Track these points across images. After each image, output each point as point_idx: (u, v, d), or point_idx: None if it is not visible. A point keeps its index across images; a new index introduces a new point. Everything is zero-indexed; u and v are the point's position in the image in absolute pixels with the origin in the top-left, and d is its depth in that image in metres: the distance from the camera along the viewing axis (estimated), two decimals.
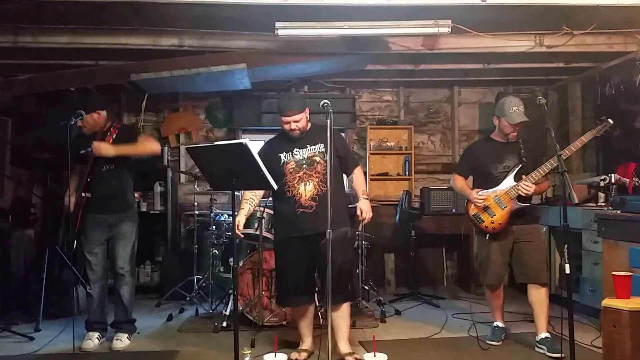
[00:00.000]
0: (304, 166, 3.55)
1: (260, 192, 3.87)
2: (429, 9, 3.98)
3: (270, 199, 3.83)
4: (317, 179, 3.53)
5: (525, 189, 3.71)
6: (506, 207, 3.81)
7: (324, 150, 3.53)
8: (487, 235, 3.90)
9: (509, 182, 3.82)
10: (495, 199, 3.84)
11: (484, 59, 5.45)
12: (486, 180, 3.92)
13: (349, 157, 3.77)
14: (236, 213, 3.70)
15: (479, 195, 3.89)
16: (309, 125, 3.65)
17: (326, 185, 3.47)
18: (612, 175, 4.67)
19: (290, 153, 3.60)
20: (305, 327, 3.76)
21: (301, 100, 3.62)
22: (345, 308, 3.60)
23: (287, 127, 3.55)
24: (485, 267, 3.95)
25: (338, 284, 3.48)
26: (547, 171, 3.70)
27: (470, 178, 4.13)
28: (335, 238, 3.45)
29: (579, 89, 6.18)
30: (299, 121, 3.52)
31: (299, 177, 3.54)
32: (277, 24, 4.10)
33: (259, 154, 3.79)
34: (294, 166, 3.57)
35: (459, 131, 6.71)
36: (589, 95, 6.04)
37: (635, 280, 3.31)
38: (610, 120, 3.66)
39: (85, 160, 3.92)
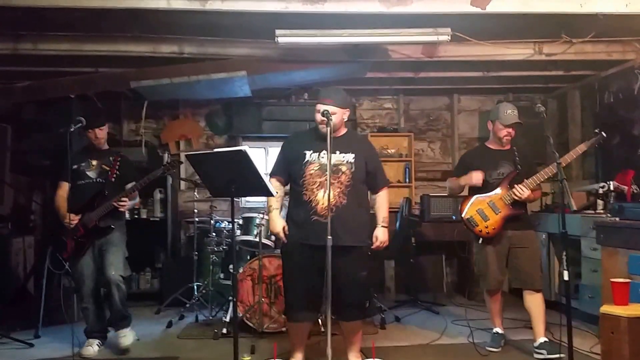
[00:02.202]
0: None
1: (282, 187, 3.57)
2: (429, 17, 3.99)
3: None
4: (339, 190, 3.29)
5: (518, 193, 3.74)
6: (500, 212, 3.84)
7: (353, 161, 3.34)
8: (481, 239, 3.91)
9: (503, 188, 3.86)
10: (490, 204, 3.86)
11: (483, 67, 5.47)
12: (481, 186, 3.93)
13: (378, 174, 3.51)
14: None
15: (478, 174, 3.86)
16: (344, 130, 3.45)
17: (347, 197, 3.31)
18: (611, 182, 4.66)
19: (318, 154, 3.34)
20: (298, 342, 3.50)
21: (343, 97, 3.38)
22: (359, 323, 3.52)
23: (318, 117, 3.27)
24: (484, 273, 3.97)
25: (356, 300, 3.41)
26: (544, 178, 3.74)
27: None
28: (356, 254, 3.37)
29: (578, 96, 6.20)
30: (333, 114, 3.21)
31: (320, 182, 3.28)
32: (277, 32, 4.11)
33: (285, 142, 3.57)
34: (316, 168, 3.32)
35: (458, 139, 6.72)
36: (588, 103, 6.05)
37: (634, 287, 3.32)
38: (603, 134, 3.79)
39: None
